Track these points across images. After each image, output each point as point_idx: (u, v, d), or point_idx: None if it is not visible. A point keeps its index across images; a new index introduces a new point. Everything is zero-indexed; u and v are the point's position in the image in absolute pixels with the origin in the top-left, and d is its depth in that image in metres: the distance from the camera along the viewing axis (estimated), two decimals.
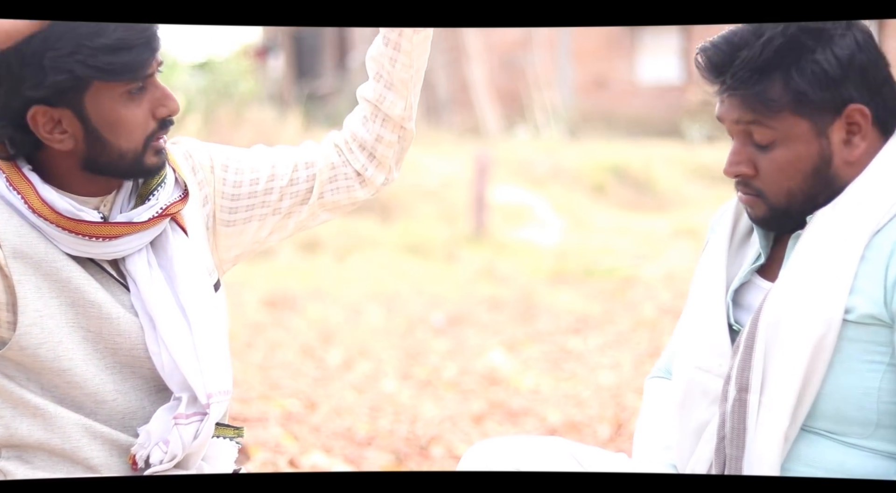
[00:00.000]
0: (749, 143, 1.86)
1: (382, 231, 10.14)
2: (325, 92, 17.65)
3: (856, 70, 1.80)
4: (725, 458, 1.85)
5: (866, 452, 1.80)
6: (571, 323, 6.97)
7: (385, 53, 2.06)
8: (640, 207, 12.00)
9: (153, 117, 1.86)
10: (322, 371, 5.79)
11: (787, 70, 1.80)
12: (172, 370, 1.89)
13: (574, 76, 17.64)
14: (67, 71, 1.78)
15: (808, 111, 1.81)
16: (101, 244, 1.86)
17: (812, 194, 1.84)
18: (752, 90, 1.81)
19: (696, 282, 1.99)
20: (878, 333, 1.77)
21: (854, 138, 1.83)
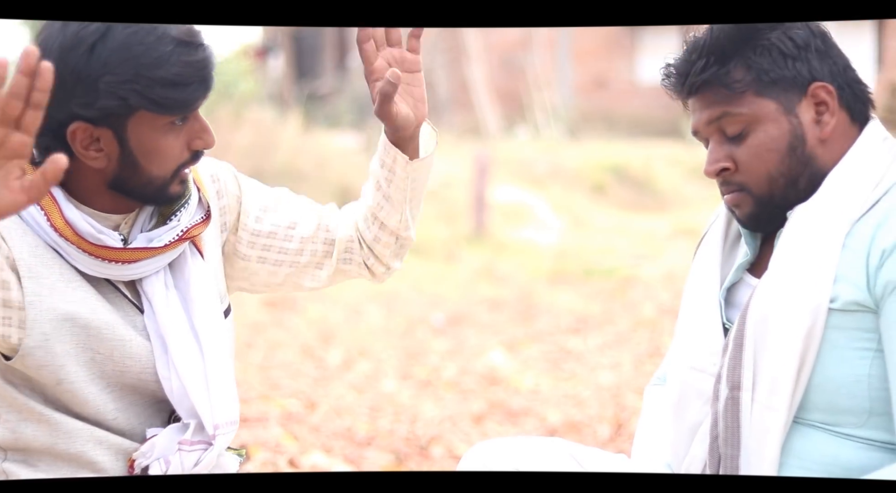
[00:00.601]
0: (723, 140, 1.88)
1: None
2: (325, 92, 17.65)
3: (812, 52, 1.84)
4: (720, 457, 1.85)
5: (860, 442, 1.80)
6: (571, 323, 6.97)
7: (381, 173, 2.07)
8: (640, 207, 12.01)
9: (188, 148, 1.85)
10: (322, 371, 5.79)
11: (744, 53, 1.84)
12: (182, 397, 1.88)
13: (574, 76, 17.64)
14: (121, 98, 1.76)
15: (773, 91, 1.84)
16: (120, 267, 1.85)
17: (792, 177, 1.86)
18: (715, 78, 1.85)
19: (690, 283, 1.99)
20: (864, 319, 1.78)
21: (823, 116, 1.85)
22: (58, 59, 1.74)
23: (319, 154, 11.37)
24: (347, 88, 17.03)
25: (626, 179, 12.70)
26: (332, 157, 11.58)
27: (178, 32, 1.78)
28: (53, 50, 1.76)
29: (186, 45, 1.78)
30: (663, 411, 2.07)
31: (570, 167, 12.89)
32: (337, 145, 12.51)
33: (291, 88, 17.33)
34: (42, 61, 1.49)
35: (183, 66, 1.78)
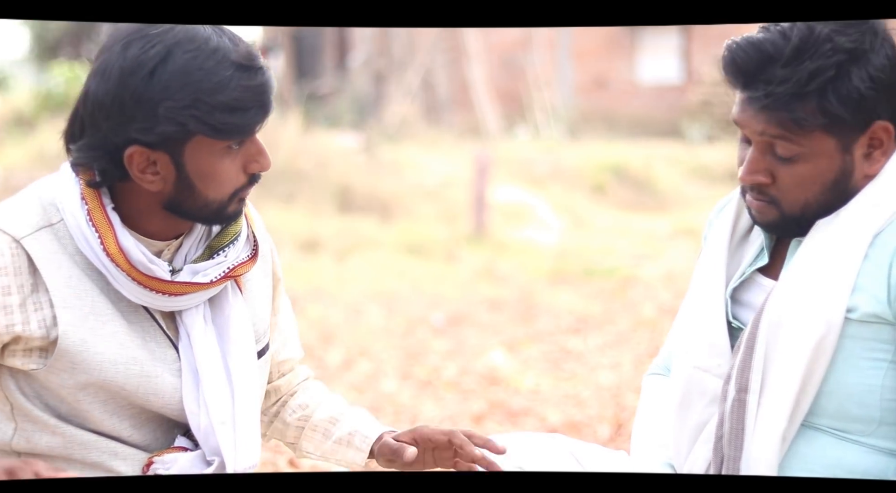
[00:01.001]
0: (770, 153, 1.83)
1: (382, 231, 10.14)
2: (325, 92, 17.65)
3: (886, 86, 1.79)
4: (723, 458, 1.85)
5: (866, 448, 1.80)
6: (571, 323, 6.97)
7: (337, 437, 2.08)
8: (640, 207, 12.01)
9: (244, 172, 1.83)
10: (322, 371, 5.79)
11: (824, 92, 1.77)
12: (208, 435, 1.87)
13: (574, 76, 17.64)
14: (180, 123, 1.75)
15: (838, 131, 1.79)
16: (163, 298, 1.84)
17: (827, 205, 1.84)
18: (786, 111, 1.78)
19: (696, 280, 1.99)
20: (882, 331, 1.78)
21: (875, 153, 1.82)
22: (117, 82, 1.74)
23: (319, 154, 11.37)
24: (347, 88, 17.03)
25: (626, 179, 12.70)
26: (332, 157, 11.59)
27: (237, 56, 1.77)
28: (113, 73, 1.75)
29: (246, 69, 1.77)
30: (662, 400, 2.07)
31: (570, 167, 12.89)
32: (337, 145, 12.51)
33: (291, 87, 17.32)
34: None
35: (242, 90, 1.76)
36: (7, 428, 1.86)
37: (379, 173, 11.60)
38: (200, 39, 1.76)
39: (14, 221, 1.80)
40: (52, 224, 1.82)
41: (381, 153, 12.67)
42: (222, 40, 1.77)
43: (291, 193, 10.44)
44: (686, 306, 2.00)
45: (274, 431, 2.13)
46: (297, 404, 2.11)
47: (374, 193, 11.01)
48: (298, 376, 2.15)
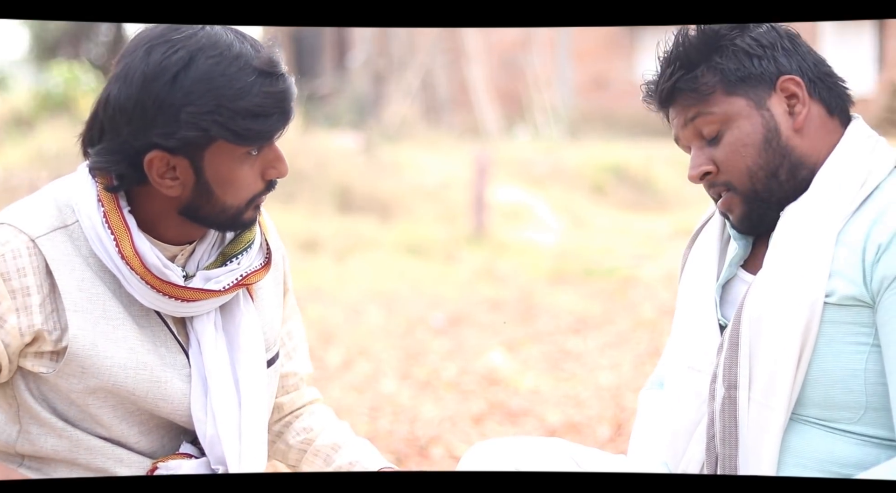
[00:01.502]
0: (702, 144, 1.91)
1: (382, 231, 10.14)
2: (325, 92, 17.65)
3: (779, 50, 1.88)
4: (717, 457, 1.85)
5: (856, 438, 1.80)
6: (571, 323, 6.97)
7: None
8: (640, 207, 12.01)
9: (262, 178, 1.84)
10: (322, 371, 5.79)
11: (709, 57, 1.87)
12: (214, 444, 1.87)
13: (574, 76, 17.64)
14: (202, 129, 1.75)
15: (741, 88, 1.87)
16: (176, 303, 1.84)
17: (771, 169, 1.88)
18: (683, 84, 1.89)
19: (685, 282, 2.00)
20: (861, 314, 1.79)
21: (795, 107, 1.88)
22: (140, 87, 1.74)
23: (319, 154, 11.37)
24: (347, 88, 17.03)
25: (626, 179, 12.70)
26: (331, 157, 11.59)
27: (259, 63, 1.77)
28: (136, 78, 1.75)
29: (268, 75, 1.77)
30: (658, 415, 2.07)
31: (570, 167, 12.89)
32: (337, 145, 12.51)
33: None
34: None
35: (264, 97, 1.76)
36: (11, 430, 1.86)
37: (379, 174, 11.60)
38: (223, 45, 1.76)
39: (30, 221, 1.80)
40: (66, 225, 1.82)
41: (381, 153, 12.67)
42: (244, 46, 1.77)
43: (291, 194, 10.44)
44: (677, 309, 2.01)
45: (276, 451, 2.12)
46: (302, 427, 2.10)
47: (374, 193, 11.01)
48: (304, 396, 2.14)
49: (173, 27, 1.78)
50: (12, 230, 1.78)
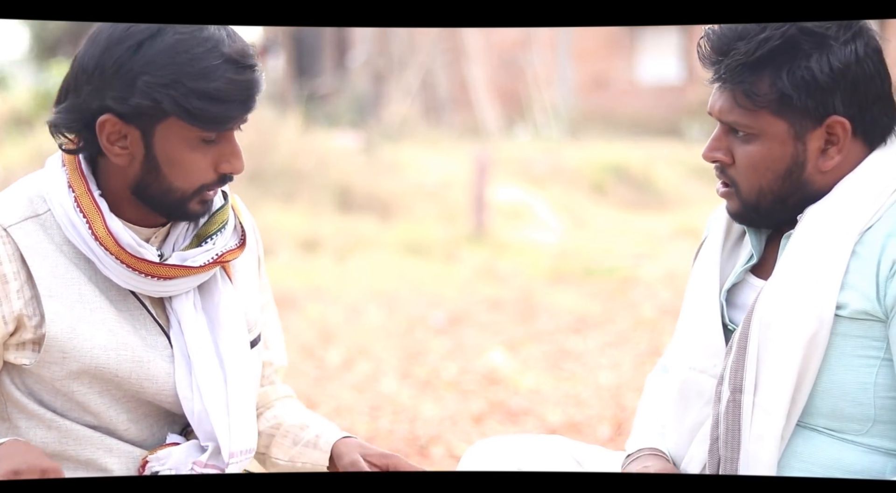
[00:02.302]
0: (729, 131, 1.87)
1: (382, 231, 10.14)
2: (325, 92, 17.65)
3: (848, 82, 1.80)
4: (720, 459, 1.85)
5: (863, 448, 1.80)
6: (571, 323, 6.97)
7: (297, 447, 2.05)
8: (640, 207, 12.00)
9: (215, 170, 1.83)
10: (322, 371, 5.79)
11: (778, 70, 1.80)
12: (202, 420, 1.87)
13: (574, 76, 17.64)
14: (155, 100, 1.76)
15: (789, 114, 1.82)
16: (153, 282, 1.85)
17: (781, 196, 1.86)
18: (740, 84, 1.82)
19: (692, 283, 1.99)
20: (872, 328, 1.78)
21: (831, 149, 1.83)
22: (103, 49, 1.77)
23: (319, 154, 11.37)
24: (347, 88, 17.03)
25: (626, 179, 12.70)
26: (331, 156, 11.58)
27: (229, 50, 1.77)
28: (101, 40, 1.77)
29: (235, 63, 1.77)
30: (660, 396, 2.07)
31: (570, 167, 12.89)
32: (337, 145, 12.51)
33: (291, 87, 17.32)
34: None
35: (226, 82, 1.77)
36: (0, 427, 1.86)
37: (379, 173, 11.59)
38: (195, 27, 1.78)
39: (1, 212, 1.82)
40: (37, 215, 1.83)
41: (381, 153, 12.66)
42: (220, 33, 1.79)
43: (291, 193, 10.44)
44: (683, 309, 2.00)
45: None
46: (272, 414, 2.09)
47: (374, 193, 11.01)
48: (278, 391, 2.13)
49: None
50: None
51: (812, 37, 1.80)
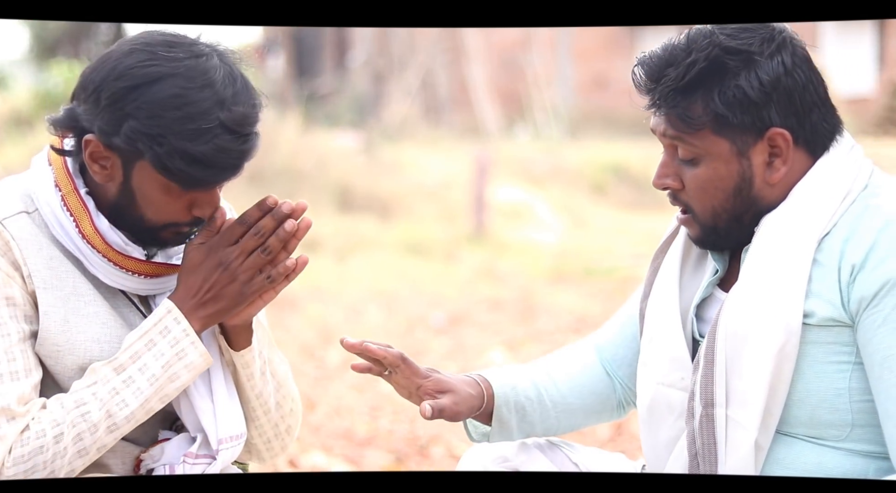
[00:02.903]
0: (676, 157, 1.88)
1: (382, 231, 10.14)
2: (325, 92, 17.65)
3: (781, 93, 1.80)
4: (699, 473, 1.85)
5: (844, 452, 1.80)
6: (571, 323, 6.97)
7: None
8: (640, 207, 12.00)
9: (188, 212, 1.82)
10: (322, 371, 5.79)
11: (709, 91, 1.81)
12: (188, 411, 1.88)
13: (574, 76, 17.64)
14: (136, 148, 1.74)
15: (729, 132, 1.81)
16: (139, 280, 1.86)
17: (736, 214, 1.85)
18: (675, 109, 1.83)
19: (653, 300, 1.98)
20: (842, 333, 1.78)
21: (776, 161, 1.83)
22: (104, 77, 1.75)
23: (319, 154, 11.37)
24: (347, 88, 17.03)
25: (626, 179, 12.70)
26: (331, 156, 11.59)
27: (227, 116, 1.73)
28: (106, 68, 1.75)
29: (231, 132, 1.74)
30: (570, 355, 2.17)
31: (570, 167, 12.89)
32: (337, 145, 12.51)
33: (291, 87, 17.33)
34: (300, 223, 1.79)
35: (215, 149, 1.73)
36: None
37: (379, 173, 11.60)
38: (201, 82, 1.73)
39: None
40: (29, 212, 1.84)
41: (381, 153, 12.67)
42: (224, 93, 1.74)
43: (291, 193, 10.43)
44: (646, 323, 1.99)
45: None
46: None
47: (374, 193, 11.01)
48: None
49: (170, 42, 1.75)
50: None
51: (737, 54, 1.80)
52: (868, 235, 1.76)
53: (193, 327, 1.83)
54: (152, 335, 1.82)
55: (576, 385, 2.14)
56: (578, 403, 2.14)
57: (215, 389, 1.89)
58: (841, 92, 14.07)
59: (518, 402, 2.06)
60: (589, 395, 2.15)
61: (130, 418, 1.81)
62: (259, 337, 1.93)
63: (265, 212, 1.83)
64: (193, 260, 1.83)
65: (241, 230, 1.83)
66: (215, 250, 1.83)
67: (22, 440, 1.76)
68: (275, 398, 1.98)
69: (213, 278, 1.83)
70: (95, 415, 1.78)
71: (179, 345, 1.82)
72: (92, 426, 1.79)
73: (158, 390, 1.82)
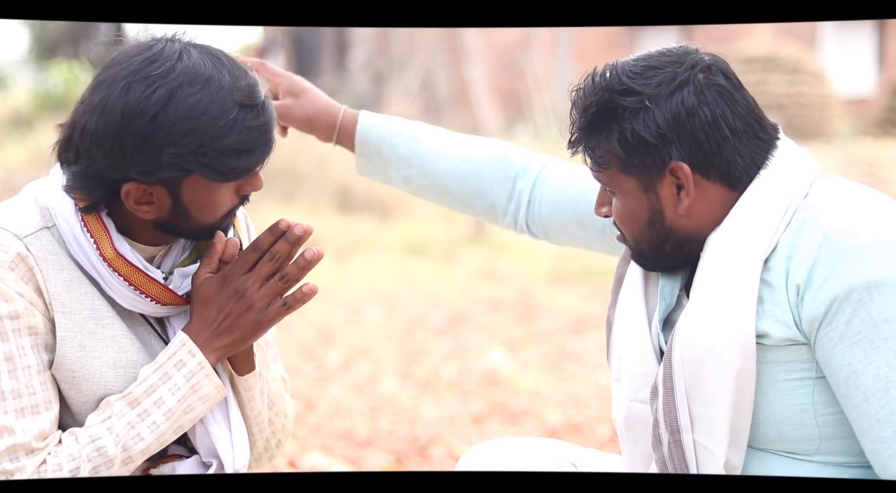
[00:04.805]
0: (604, 189, 1.92)
1: (382, 231, 10.14)
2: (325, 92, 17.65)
3: (683, 133, 1.80)
4: None
5: (817, 465, 1.80)
6: (571, 323, 6.97)
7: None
8: None
9: (237, 194, 1.83)
10: (322, 372, 5.79)
11: (609, 134, 1.83)
12: (202, 436, 1.88)
13: (574, 76, 17.61)
14: (185, 169, 1.73)
15: (633, 171, 1.83)
16: (154, 305, 1.84)
17: (655, 244, 1.87)
18: (586, 150, 1.87)
19: (619, 313, 1.98)
20: (799, 351, 1.77)
21: (681, 193, 1.82)
22: (119, 124, 1.71)
23: (319, 154, 11.37)
24: (347, 88, 17.03)
25: None
26: (331, 157, 11.58)
27: (239, 95, 1.74)
28: (115, 114, 1.72)
29: (250, 108, 1.74)
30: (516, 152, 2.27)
31: None
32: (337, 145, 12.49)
33: None
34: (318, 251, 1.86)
35: (248, 132, 1.74)
36: None
37: None
38: (202, 80, 1.73)
39: (16, 221, 1.80)
40: (48, 227, 1.82)
41: None
42: (223, 77, 1.74)
43: (291, 193, 10.44)
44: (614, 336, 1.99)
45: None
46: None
47: (374, 193, 11.01)
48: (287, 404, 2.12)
49: (150, 59, 1.74)
50: (7, 234, 1.78)
51: (631, 97, 1.81)
52: (808, 253, 1.74)
53: (208, 359, 1.82)
54: (167, 369, 1.82)
55: (461, 173, 2.24)
56: (456, 188, 2.25)
57: (232, 417, 1.89)
58: (841, 92, 14.08)
59: (380, 148, 2.24)
60: (471, 190, 2.25)
61: (145, 451, 1.81)
62: (259, 359, 1.93)
63: (278, 236, 1.83)
64: (207, 291, 1.83)
65: (255, 257, 1.84)
66: (230, 280, 1.83)
67: (39, 473, 1.76)
68: (268, 416, 1.98)
69: (228, 307, 1.83)
70: (112, 450, 1.79)
71: (195, 378, 1.82)
72: (108, 461, 1.79)
73: (174, 423, 1.82)
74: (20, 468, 1.74)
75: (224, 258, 1.85)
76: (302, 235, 1.84)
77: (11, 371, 1.76)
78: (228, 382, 1.90)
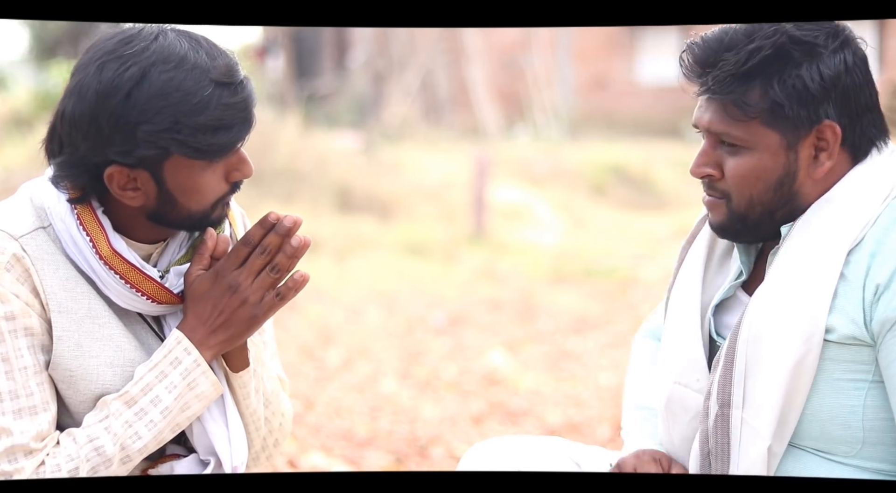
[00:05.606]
0: (718, 145, 1.84)
1: (382, 231, 10.14)
2: (325, 92, 17.65)
3: (839, 91, 1.78)
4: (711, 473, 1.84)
5: (852, 468, 1.79)
6: (571, 323, 6.97)
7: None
8: (640, 207, 12.00)
9: (226, 181, 1.83)
10: (322, 372, 5.79)
11: (769, 80, 1.77)
12: (200, 434, 1.88)
13: (574, 76, 17.64)
14: (161, 147, 1.73)
15: (781, 124, 1.79)
16: (150, 303, 1.85)
17: (771, 208, 1.83)
18: (730, 95, 1.79)
19: (674, 296, 1.97)
20: (860, 352, 1.76)
21: (821, 155, 1.80)
22: (94, 104, 1.72)
23: (319, 154, 11.37)
24: (347, 88, 17.02)
25: (626, 179, 12.70)
26: (331, 157, 11.58)
27: (216, 74, 1.74)
28: (89, 95, 1.73)
29: (226, 86, 1.75)
30: (648, 363, 2.08)
31: (570, 167, 12.89)
32: (336, 145, 12.51)
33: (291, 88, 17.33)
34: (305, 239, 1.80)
35: (224, 109, 1.74)
36: None
37: (379, 173, 11.60)
38: (177, 57, 1.73)
39: (12, 221, 1.80)
40: (44, 227, 1.82)
41: (381, 153, 12.67)
42: (199, 56, 1.74)
43: (291, 193, 10.43)
44: (667, 321, 1.98)
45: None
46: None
47: (374, 193, 11.01)
48: None
49: (125, 40, 1.75)
50: (3, 235, 1.78)
51: (801, 45, 1.78)
52: (894, 254, 1.74)
53: (204, 356, 1.82)
54: (163, 367, 1.82)
55: None
56: None
57: (229, 414, 1.89)
58: None
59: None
60: None
61: (143, 450, 1.82)
62: (254, 355, 1.93)
63: (268, 229, 1.84)
64: (200, 288, 1.83)
65: (247, 251, 1.84)
66: (223, 275, 1.83)
67: (38, 474, 1.76)
68: (264, 414, 1.98)
69: (222, 303, 1.83)
70: (110, 449, 1.79)
71: (191, 375, 1.82)
72: (107, 460, 1.79)
73: (171, 421, 1.82)
74: (19, 470, 1.74)
75: (215, 254, 1.85)
76: (292, 227, 1.84)
77: (8, 373, 1.76)
78: (224, 378, 1.90)
